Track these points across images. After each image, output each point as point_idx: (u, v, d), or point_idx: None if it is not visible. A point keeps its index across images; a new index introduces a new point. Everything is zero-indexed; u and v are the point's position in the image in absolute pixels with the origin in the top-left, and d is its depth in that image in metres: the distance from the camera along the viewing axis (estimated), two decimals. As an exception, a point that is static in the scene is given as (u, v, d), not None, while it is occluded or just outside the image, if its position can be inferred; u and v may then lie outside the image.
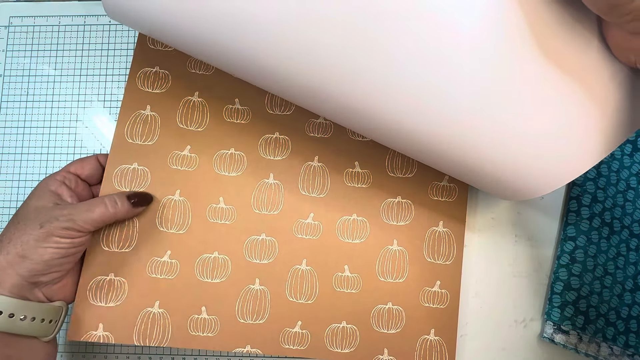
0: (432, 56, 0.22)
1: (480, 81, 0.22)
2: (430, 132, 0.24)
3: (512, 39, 0.22)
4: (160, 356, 0.35)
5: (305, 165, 0.34)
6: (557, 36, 0.22)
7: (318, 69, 0.23)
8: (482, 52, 0.22)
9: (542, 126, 0.23)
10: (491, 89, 0.22)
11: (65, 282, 0.31)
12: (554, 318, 0.34)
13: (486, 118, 0.23)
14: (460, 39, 0.21)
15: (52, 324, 0.29)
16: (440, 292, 0.33)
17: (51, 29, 0.39)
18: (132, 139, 0.33)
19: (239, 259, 0.32)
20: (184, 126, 0.34)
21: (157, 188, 0.33)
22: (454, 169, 0.27)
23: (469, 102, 0.23)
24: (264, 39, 0.23)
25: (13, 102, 0.38)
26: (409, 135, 0.25)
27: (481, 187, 0.28)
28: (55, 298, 0.30)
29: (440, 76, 0.22)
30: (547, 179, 0.25)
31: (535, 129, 0.23)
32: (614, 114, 0.23)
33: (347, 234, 0.33)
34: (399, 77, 0.23)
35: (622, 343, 0.34)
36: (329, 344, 0.32)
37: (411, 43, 0.22)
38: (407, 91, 0.23)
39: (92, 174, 0.33)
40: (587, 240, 0.34)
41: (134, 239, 0.32)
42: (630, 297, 0.34)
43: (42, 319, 0.28)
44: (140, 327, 0.31)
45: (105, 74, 0.38)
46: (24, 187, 0.37)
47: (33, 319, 0.28)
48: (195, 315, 0.32)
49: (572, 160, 0.24)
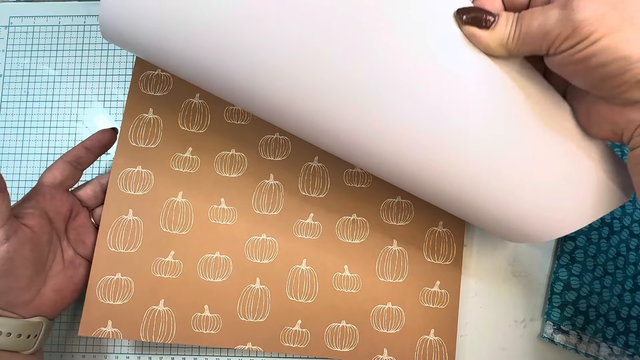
0: (443, 119, 0.23)
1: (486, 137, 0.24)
2: (438, 185, 0.27)
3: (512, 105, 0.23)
4: (160, 356, 0.37)
5: (305, 166, 0.36)
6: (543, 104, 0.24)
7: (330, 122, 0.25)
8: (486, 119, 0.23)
9: (540, 181, 0.25)
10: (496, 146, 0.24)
11: (39, 301, 0.31)
12: (554, 318, 0.35)
13: (491, 175, 0.25)
14: (465, 101, 0.23)
15: (31, 338, 0.30)
16: (440, 292, 0.35)
17: (51, 29, 0.40)
18: (136, 142, 0.35)
19: (240, 258, 0.34)
20: (185, 128, 0.36)
21: (160, 190, 0.35)
22: (459, 213, 0.29)
23: (474, 160, 0.24)
24: (268, 79, 0.24)
25: (13, 102, 0.40)
26: (418, 186, 0.28)
27: (481, 227, 0.31)
28: (34, 314, 0.31)
29: (452, 137, 0.24)
30: (544, 232, 0.27)
31: (535, 185, 0.25)
32: (599, 185, 0.25)
33: (347, 234, 0.35)
34: (407, 132, 0.24)
35: (622, 343, 0.35)
36: (329, 343, 0.34)
37: (418, 105, 0.23)
38: (417, 148, 0.25)
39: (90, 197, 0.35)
40: (587, 240, 0.36)
41: (139, 240, 0.34)
42: (630, 297, 0.36)
43: (19, 334, 0.30)
44: (146, 324, 0.33)
45: (105, 74, 0.40)
46: (24, 187, 0.39)
47: (9, 334, 0.29)
48: (198, 314, 0.34)
49: (569, 216, 0.26)
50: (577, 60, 0.20)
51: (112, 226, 0.34)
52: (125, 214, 0.34)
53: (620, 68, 0.19)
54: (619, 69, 0.19)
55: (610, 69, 0.20)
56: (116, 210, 0.34)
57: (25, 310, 0.30)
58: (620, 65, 0.19)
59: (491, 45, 0.21)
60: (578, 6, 0.19)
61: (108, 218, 0.34)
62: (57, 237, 0.32)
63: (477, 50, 0.22)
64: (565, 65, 0.21)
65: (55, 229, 0.32)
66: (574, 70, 0.21)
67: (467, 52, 0.22)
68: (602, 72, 0.20)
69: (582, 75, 0.21)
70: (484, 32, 0.21)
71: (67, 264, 0.33)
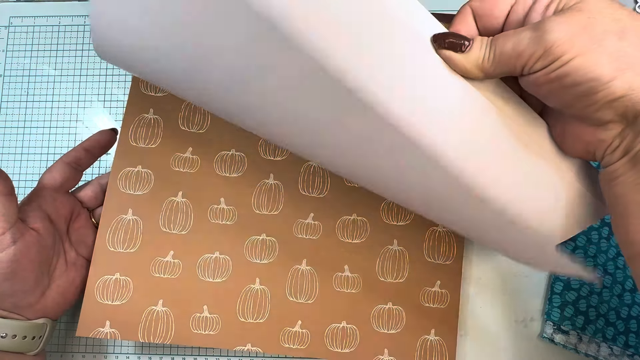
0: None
1: None
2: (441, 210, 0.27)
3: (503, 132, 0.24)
4: (160, 356, 0.37)
5: (305, 166, 0.36)
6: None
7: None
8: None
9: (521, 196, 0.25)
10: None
11: (43, 303, 0.31)
12: (554, 318, 0.36)
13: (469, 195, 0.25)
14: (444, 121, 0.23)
15: (36, 340, 0.31)
16: (440, 292, 0.35)
17: (51, 29, 0.41)
18: (136, 142, 0.36)
19: (239, 259, 0.35)
20: (185, 128, 0.36)
21: (160, 190, 0.35)
22: (458, 230, 0.30)
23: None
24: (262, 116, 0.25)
25: (13, 102, 0.41)
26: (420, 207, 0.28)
27: (480, 244, 0.31)
28: (38, 316, 0.32)
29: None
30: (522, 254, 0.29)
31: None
32: (576, 203, 0.25)
33: (347, 234, 0.36)
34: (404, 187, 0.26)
35: (622, 343, 0.36)
36: (329, 343, 0.34)
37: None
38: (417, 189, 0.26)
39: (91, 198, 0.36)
40: (587, 241, 0.37)
41: (138, 240, 0.35)
42: (630, 297, 0.36)
43: (24, 336, 0.30)
44: (145, 324, 0.34)
45: (105, 74, 0.41)
46: (24, 187, 0.40)
47: (14, 336, 0.30)
48: (197, 314, 0.34)
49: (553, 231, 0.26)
50: (550, 80, 0.21)
51: (112, 226, 0.35)
52: (125, 213, 0.35)
53: (592, 88, 0.20)
54: (590, 89, 0.20)
55: (582, 88, 0.20)
56: (116, 209, 0.35)
57: (30, 312, 0.31)
58: (591, 86, 0.20)
59: (467, 67, 0.22)
60: (550, 27, 0.20)
61: (107, 218, 0.35)
62: (59, 239, 0.33)
63: (453, 72, 0.23)
64: (539, 85, 0.22)
65: (57, 230, 0.33)
66: (547, 89, 0.22)
67: (443, 75, 0.23)
68: (574, 92, 0.21)
69: (556, 94, 0.22)
70: (460, 55, 0.22)
71: (69, 265, 0.33)
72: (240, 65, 0.22)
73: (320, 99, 0.22)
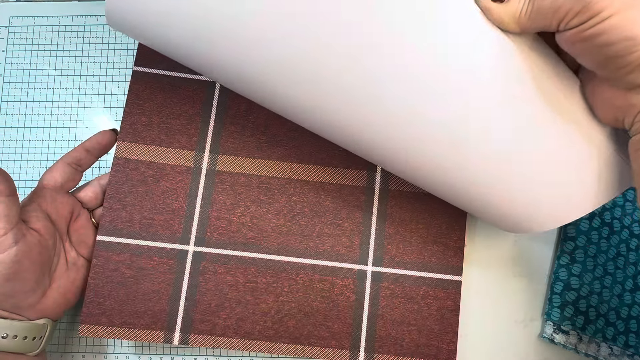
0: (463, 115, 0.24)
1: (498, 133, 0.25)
2: (443, 170, 0.27)
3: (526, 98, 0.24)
4: (160, 356, 0.37)
5: None
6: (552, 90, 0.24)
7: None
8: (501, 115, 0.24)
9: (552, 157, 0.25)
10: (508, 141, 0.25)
11: (44, 303, 0.31)
12: (554, 318, 0.36)
13: (501, 152, 0.25)
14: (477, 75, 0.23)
15: (37, 340, 0.31)
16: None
17: (51, 29, 0.41)
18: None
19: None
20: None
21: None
22: (464, 205, 0.30)
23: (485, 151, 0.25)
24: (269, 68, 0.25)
25: (13, 102, 0.41)
26: (421, 173, 0.28)
27: (484, 220, 0.31)
28: (39, 317, 0.32)
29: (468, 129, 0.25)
30: (546, 220, 0.28)
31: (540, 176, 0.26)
32: (606, 168, 0.25)
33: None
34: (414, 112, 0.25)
35: (622, 343, 0.36)
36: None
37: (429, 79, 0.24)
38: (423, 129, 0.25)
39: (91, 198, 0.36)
40: (587, 240, 0.37)
41: (138, 240, 0.35)
42: (630, 297, 0.37)
43: (25, 337, 0.30)
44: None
45: (105, 74, 0.41)
46: (24, 187, 0.40)
47: (15, 336, 0.30)
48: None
49: (570, 204, 0.26)
50: (585, 38, 0.21)
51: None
52: (126, 213, 0.35)
53: (626, 48, 0.20)
54: (624, 49, 0.20)
55: (616, 48, 0.20)
56: (116, 210, 0.35)
57: (31, 312, 0.31)
58: (626, 46, 0.20)
59: (504, 19, 0.22)
60: None
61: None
62: (60, 239, 0.33)
63: (491, 25, 0.23)
64: (574, 42, 0.21)
65: (58, 231, 0.33)
66: (582, 48, 0.22)
67: (481, 27, 0.23)
68: (608, 51, 0.21)
69: (589, 53, 0.22)
70: (499, 5, 0.22)
71: (70, 266, 0.34)
72: None
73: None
